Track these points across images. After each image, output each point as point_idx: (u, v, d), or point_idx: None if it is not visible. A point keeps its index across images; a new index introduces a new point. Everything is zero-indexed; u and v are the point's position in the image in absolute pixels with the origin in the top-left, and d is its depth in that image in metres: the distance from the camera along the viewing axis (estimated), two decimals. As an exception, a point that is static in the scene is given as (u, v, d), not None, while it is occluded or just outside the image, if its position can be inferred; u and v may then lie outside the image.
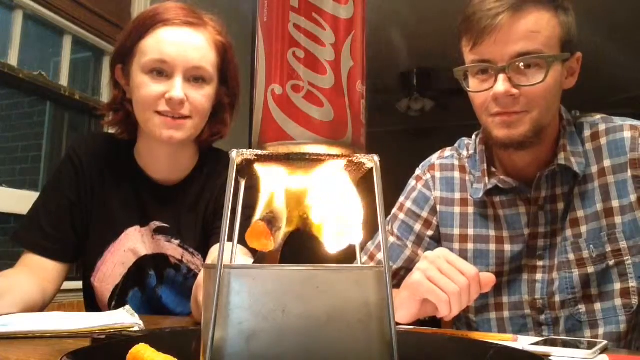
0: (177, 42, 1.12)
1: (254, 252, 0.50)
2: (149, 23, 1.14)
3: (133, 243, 1.20)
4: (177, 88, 1.11)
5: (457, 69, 1.09)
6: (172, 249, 1.20)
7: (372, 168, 0.45)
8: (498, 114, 1.05)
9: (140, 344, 0.49)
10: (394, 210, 1.27)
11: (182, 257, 1.20)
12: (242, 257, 0.94)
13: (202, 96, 1.15)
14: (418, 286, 0.93)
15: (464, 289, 0.89)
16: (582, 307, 1.08)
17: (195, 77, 1.14)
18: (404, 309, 0.97)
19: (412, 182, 1.28)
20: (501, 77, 1.02)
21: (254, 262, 0.53)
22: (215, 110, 1.21)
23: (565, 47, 1.04)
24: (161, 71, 1.12)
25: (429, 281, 0.91)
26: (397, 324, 0.58)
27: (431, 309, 0.95)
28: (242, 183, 0.48)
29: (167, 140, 1.13)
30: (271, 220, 0.46)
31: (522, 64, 1.01)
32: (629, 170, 1.07)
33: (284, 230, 0.47)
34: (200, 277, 1.02)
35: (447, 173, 1.23)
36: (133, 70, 1.15)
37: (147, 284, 1.21)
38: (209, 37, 1.16)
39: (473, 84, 1.08)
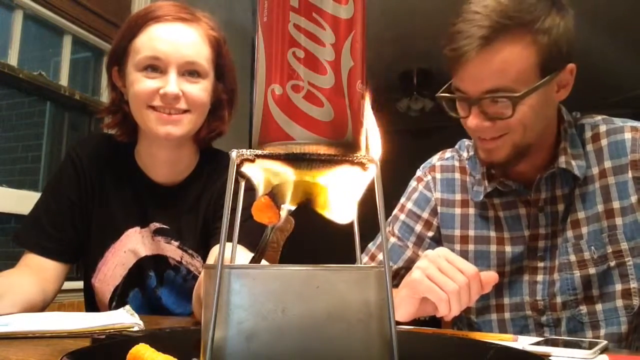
0: (170, 38, 1.12)
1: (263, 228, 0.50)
2: (141, 22, 1.14)
3: (133, 244, 1.20)
4: (172, 83, 1.10)
5: (438, 95, 1.09)
6: (172, 250, 1.20)
7: (372, 168, 0.45)
8: (478, 138, 1.06)
9: (140, 344, 0.49)
10: (395, 211, 1.27)
11: (181, 259, 1.20)
12: (243, 252, 0.94)
13: (199, 90, 1.14)
14: (417, 284, 0.93)
15: (463, 288, 0.89)
16: (583, 308, 1.08)
17: (189, 72, 1.13)
18: (403, 307, 0.97)
19: (412, 183, 1.29)
20: (473, 110, 1.03)
21: (252, 260, 0.53)
22: (213, 107, 1.21)
23: (548, 69, 1.00)
24: (155, 67, 1.12)
25: (429, 279, 0.91)
26: (397, 323, 0.58)
27: (431, 308, 0.95)
28: (242, 183, 0.48)
29: (165, 136, 1.13)
30: (275, 195, 0.46)
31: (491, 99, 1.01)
32: (629, 172, 1.07)
33: (288, 204, 0.47)
34: (202, 276, 1.01)
35: (447, 174, 1.23)
36: (128, 70, 1.15)
37: (147, 284, 1.21)
38: (202, 32, 1.16)
39: (458, 106, 1.08)
